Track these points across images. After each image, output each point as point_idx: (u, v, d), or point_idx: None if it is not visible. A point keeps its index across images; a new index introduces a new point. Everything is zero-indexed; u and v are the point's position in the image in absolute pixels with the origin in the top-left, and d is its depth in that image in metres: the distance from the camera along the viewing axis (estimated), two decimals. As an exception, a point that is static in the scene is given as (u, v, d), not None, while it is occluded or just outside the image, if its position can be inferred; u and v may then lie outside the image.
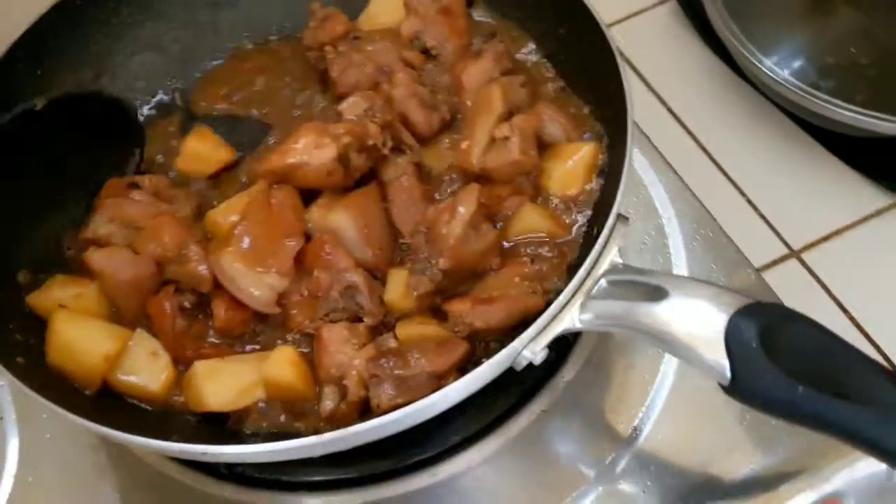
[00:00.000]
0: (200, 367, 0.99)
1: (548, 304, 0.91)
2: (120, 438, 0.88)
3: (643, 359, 1.11)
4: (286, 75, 1.34)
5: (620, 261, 0.94)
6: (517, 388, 1.09)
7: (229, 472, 1.07)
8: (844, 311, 1.30)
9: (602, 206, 1.02)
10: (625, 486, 1.02)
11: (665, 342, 0.85)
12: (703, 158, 1.47)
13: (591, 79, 1.15)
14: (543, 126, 1.13)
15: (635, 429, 1.06)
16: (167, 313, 1.01)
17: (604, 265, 0.93)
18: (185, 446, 0.87)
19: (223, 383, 0.98)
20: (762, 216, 1.40)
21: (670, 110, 1.53)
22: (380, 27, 1.32)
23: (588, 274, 0.92)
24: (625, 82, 1.04)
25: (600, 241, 0.93)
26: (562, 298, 0.90)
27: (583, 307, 0.91)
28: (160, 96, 1.35)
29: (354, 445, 0.88)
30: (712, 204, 1.27)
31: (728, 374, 0.80)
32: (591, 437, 1.06)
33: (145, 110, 1.33)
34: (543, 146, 1.12)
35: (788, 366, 0.78)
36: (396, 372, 0.94)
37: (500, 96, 1.12)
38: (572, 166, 1.11)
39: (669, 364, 1.10)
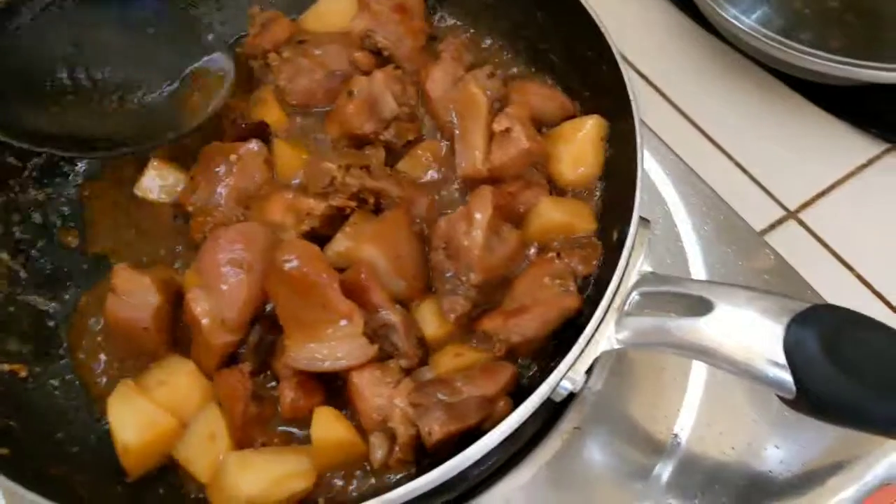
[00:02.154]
0: (232, 459, 0.90)
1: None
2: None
3: (672, 361, 1.05)
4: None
5: (650, 269, 0.87)
6: (543, 407, 1.02)
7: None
8: (848, 266, 1.26)
9: (621, 196, 0.94)
10: (675, 498, 0.97)
11: (715, 359, 0.79)
12: (686, 125, 1.41)
13: (575, 55, 1.08)
14: (537, 107, 1.06)
15: (675, 435, 1.00)
16: (239, 395, 0.92)
17: (633, 276, 0.86)
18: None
19: (259, 471, 0.89)
20: (754, 179, 1.36)
21: (643, 76, 1.46)
22: (328, 28, 1.23)
23: (617, 288, 0.85)
24: (614, 49, 0.98)
25: (625, 251, 0.86)
26: (595, 318, 0.84)
27: (618, 325, 0.85)
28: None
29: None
30: (703, 173, 1.22)
31: (793, 387, 0.75)
32: (630, 448, 1.01)
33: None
34: (541, 129, 1.06)
35: (857, 372, 0.73)
36: (441, 398, 0.87)
37: (480, 92, 1.04)
38: (580, 144, 1.04)
39: (699, 364, 1.04)
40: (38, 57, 1.05)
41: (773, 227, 1.31)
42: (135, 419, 0.93)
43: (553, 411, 1.03)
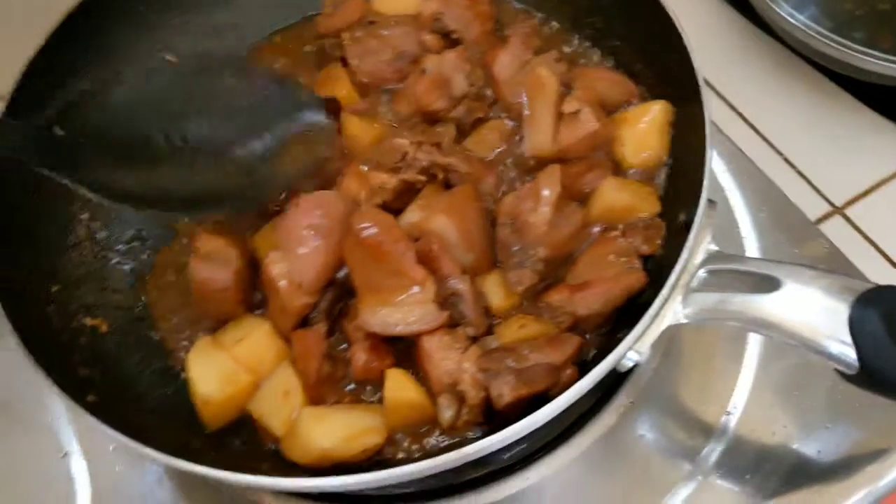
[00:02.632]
0: (308, 413, 0.95)
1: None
2: (211, 476, 0.83)
3: (724, 344, 1.09)
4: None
5: (716, 248, 0.91)
6: (601, 383, 1.06)
7: (318, 494, 1.03)
8: (893, 263, 1.28)
9: (687, 180, 0.98)
10: (721, 480, 1.00)
11: (781, 334, 0.82)
12: (734, 117, 1.43)
13: (641, 40, 1.12)
14: (604, 92, 1.10)
15: (727, 416, 1.04)
16: (314, 355, 0.96)
17: (699, 254, 0.90)
18: (284, 482, 0.83)
19: (334, 425, 0.93)
20: (801, 174, 1.38)
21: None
22: (398, 10, 1.26)
23: (685, 266, 0.89)
24: (683, 34, 1.01)
25: (694, 229, 0.89)
26: (662, 294, 0.87)
27: (685, 301, 0.88)
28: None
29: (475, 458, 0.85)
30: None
31: (856, 364, 0.78)
32: (681, 427, 1.05)
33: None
34: (608, 113, 1.09)
35: (919, 351, 0.76)
36: (510, 364, 0.91)
37: (550, 75, 1.08)
38: (646, 129, 1.07)
39: (752, 348, 1.08)
40: (136, 126, 1.04)
41: (819, 221, 1.33)
42: (215, 374, 0.98)
43: (606, 389, 1.07)
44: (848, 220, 1.33)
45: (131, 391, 1.01)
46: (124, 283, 1.14)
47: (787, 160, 1.39)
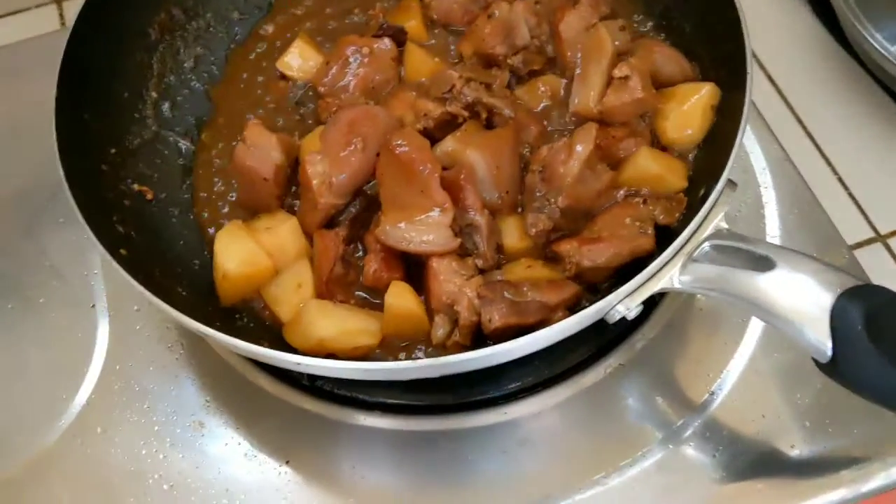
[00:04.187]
0: (314, 304, 1.01)
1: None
2: (219, 339, 0.91)
3: (727, 326, 1.11)
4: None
5: (726, 226, 0.93)
6: (596, 339, 1.10)
7: (310, 385, 1.09)
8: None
9: (715, 162, 1.00)
10: (692, 451, 1.03)
11: (766, 313, 0.85)
12: (798, 129, 1.44)
13: (705, 25, 1.14)
14: (658, 65, 1.12)
15: (710, 395, 1.06)
16: (331, 254, 1.03)
17: (709, 229, 0.93)
18: (284, 355, 0.89)
19: (334, 319, 0.99)
20: (852, 196, 1.37)
21: (769, 76, 1.50)
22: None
23: (692, 235, 0.92)
24: (744, 26, 1.03)
25: (707, 204, 0.92)
26: (663, 257, 0.90)
27: (683, 268, 0.91)
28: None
29: (452, 373, 0.90)
30: (802, 173, 1.25)
31: (829, 353, 0.80)
32: (663, 397, 1.07)
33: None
34: (658, 87, 1.11)
35: (892, 352, 0.78)
36: (507, 296, 0.95)
37: (609, 39, 1.11)
38: (690, 107, 1.09)
39: (752, 334, 1.10)
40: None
41: (858, 245, 1.33)
42: (238, 252, 1.05)
43: (604, 346, 1.10)
44: (889, 249, 1.33)
45: (161, 257, 1.09)
46: (177, 162, 1.22)
47: (838, 177, 1.39)
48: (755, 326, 1.10)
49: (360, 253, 1.09)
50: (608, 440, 1.05)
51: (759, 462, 1.02)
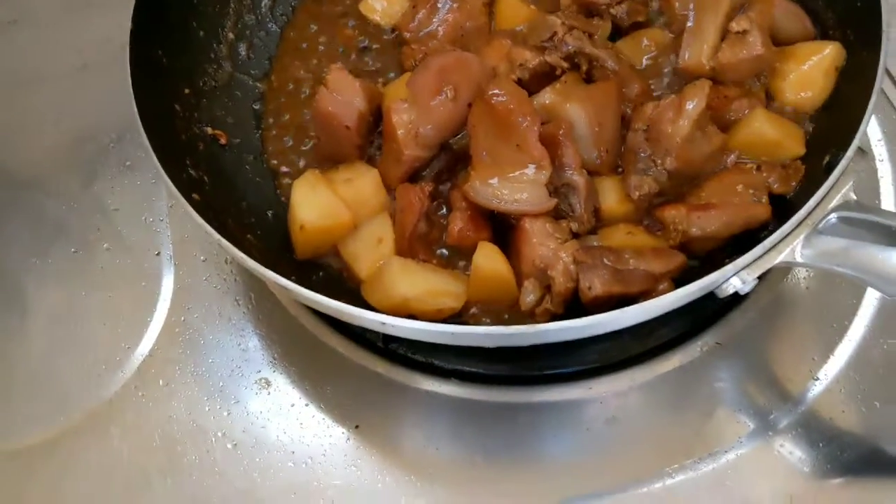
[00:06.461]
0: (397, 262, 0.95)
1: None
2: (300, 293, 0.85)
3: (836, 308, 1.02)
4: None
5: (854, 197, 0.85)
6: (690, 314, 1.02)
7: (385, 348, 1.03)
8: None
9: (839, 128, 0.92)
10: (792, 441, 0.95)
11: (900, 291, 0.77)
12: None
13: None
14: (778, 21, 1.02)
15: (815, 381, 0.98)
16: (415, 210, 0.96)
17: (835, 199, 0.85)
18: (368, 314, 0.83)
19: (419, 278, 0.93)
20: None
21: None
22: None
23: (817, 205, 0.83)
24: None
25: (836, 172, 0.84)
26: (785, 228, 0.82)
27: (807, 241, 0.83)
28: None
29: (544, 342, 0.83)
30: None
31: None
32: (763, 381, 0.99)
33: None
34: (776, 44, 1.01)
35: None
36: (607, 262, 0.88)
37: (725, -10, 1.02)
38: (812, 68, 1.00)
39: (863, 317, 1.01)
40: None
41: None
42: (316, 203, 0.99)
43: (700, 321, 1.03)
44: None
45: (234, 204, 1.04)
46: (252, 106, 1.17)
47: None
48: (867, 309, 1.02)
49: (443, 210, 1.02)
50: (696, 427, 0.98)
51: (868, 457, 0.94)
